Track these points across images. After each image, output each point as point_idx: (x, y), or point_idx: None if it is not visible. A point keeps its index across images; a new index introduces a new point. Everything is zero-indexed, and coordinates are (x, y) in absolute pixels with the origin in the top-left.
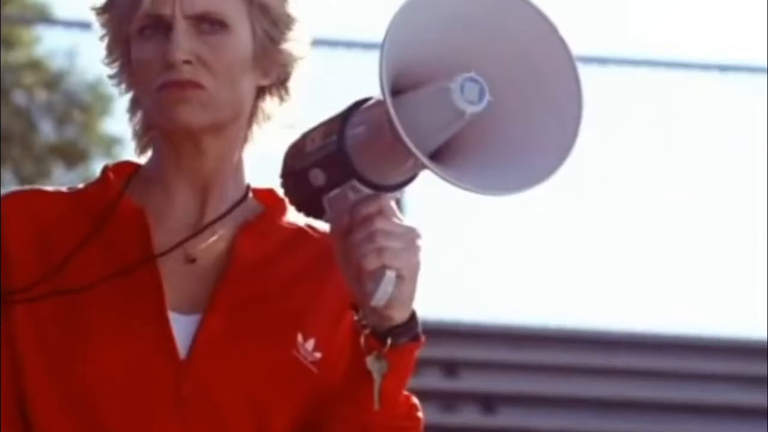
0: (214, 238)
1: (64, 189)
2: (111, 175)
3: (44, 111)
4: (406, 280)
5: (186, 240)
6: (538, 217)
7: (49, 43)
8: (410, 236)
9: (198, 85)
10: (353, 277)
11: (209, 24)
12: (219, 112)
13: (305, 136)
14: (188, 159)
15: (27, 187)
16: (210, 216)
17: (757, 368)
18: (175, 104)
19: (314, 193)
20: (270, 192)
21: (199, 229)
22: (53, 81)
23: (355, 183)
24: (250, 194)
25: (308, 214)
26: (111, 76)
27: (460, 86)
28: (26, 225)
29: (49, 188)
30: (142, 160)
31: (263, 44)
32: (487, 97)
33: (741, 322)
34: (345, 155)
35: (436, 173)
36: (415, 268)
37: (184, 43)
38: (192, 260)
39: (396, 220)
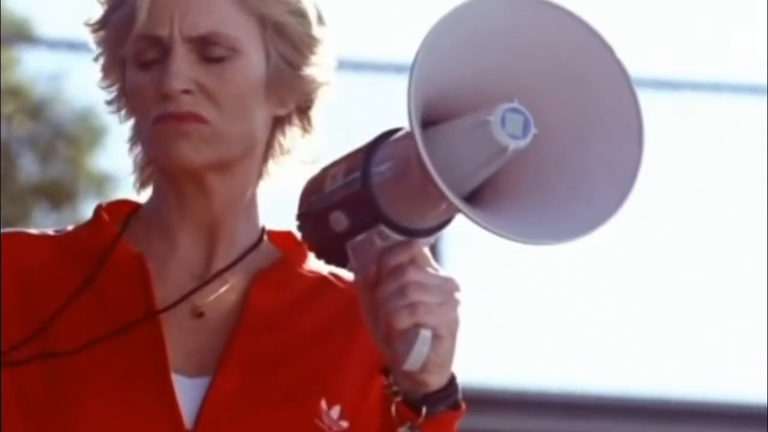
0: (224, 288)
1: (50, 232)
2: (105, 215)
3: (25, 144)
4: (444, 339)
5: (192, 292)
6: (602, 266)
7: (31, 66)
8: (447, 288)
9: (199, 118)
10: (382, 337)
11: (214, 47)
12: (225, 148)
13: (325, 172)
14: (192, 200)
15: (8, 230)
16: (219, 264)
17: None
18: (174, 140)
19: (336, 239)
20: (288, 235)
21: (207, 279)
22: (35, 110)
23: (383, 228)
24: (265, 238)
25: (329, 262)
26: (109, 102)
27: (501, 118)
28: (8, 273)
29: (34, 231)
30: (143, 197)
31: (279, 69)
32: (533, 130)
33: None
34: (370, 196)
35: (473, 220)
36: (453, 325)
37: (183, 70)
38: (199, 315)
39: (431, 270)
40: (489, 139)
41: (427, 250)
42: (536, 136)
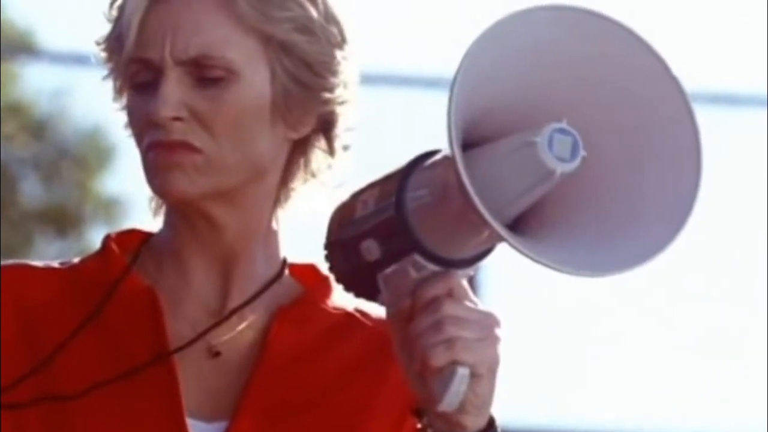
0: (242, 326)
1: (55, 264)
2: (114, 246)
3: (27, 166)
4: (483, 378)
5: (208, 330)
6: (656, 299)
7: (34, 81)
8: (487, 323)
9: (190, 147)
10: (416, 375)
11: (209, 70)
12: (223, 177)
13: (355, 198)
14: (202, 232)
15: (9, 261)
16: (236, 299)
17: None
18: (165, 170)
19: (367, 269)
20: (311, 268)
21: (223, 316)
22: (38, 128)
23: (418, 257)
24: (287, 271)
25: (359, 294)
26: (125, 125)
27: (548, 139)
28: (9, 309)
29: (37, 263)
30: (156, 224)
31: (287, 90)
32: (582, 152)
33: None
34: (405, 223)
35: (517, 249)
36: (493, 363)
37: (173, 96)
38: (215, 354)
39: (469, 304)
40: (535, 163)
41: (465, 282)
42: (585, 159)
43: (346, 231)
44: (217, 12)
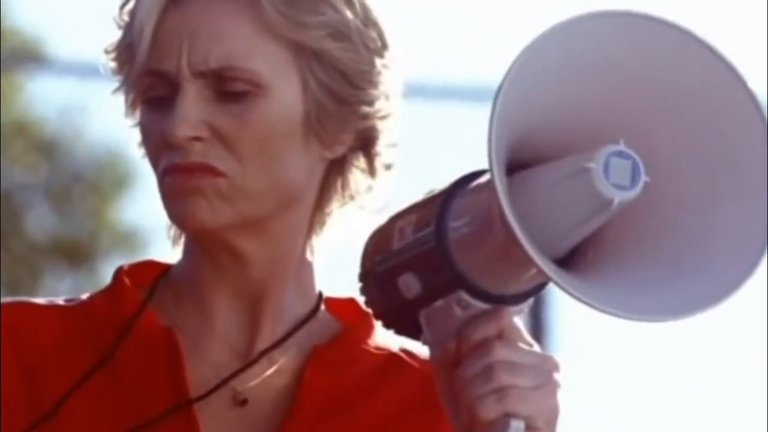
0: (271, 370)
1: (60, 301)
2: (127, 280)
3: (35, 192)
4: (541, 431)
5: (234, 375)
6: (736, 339)
7: (42, 95)
8: (544, 369)
9: (212, 171)
10: (464, 428)
11: (232, 83)
12: (249, 204)
13: (392, 224)
14: (227, 266)
15: (9, 299)
16: (265, 340)
17: None
18: (184, 197)
19: (406, 306)
20: (350, 303)
21: (251, 359)
22: (47, 149)
23: (463, 294)
24: (323, 307)
25: (400, 332)
26: (139, 144)
27: (605, 164)
28: (9, 353)
29: (40, 300)
30: (175, 255)
31: (321, 104)
32: (643, 178)
33: None
34: (446, 256)
35: (566, 291)
36: (551, 414)
37: (191, 113)
38: (242, 402)
39: (523, 346)
40: (589, 191)
41: (518, 321)
42: (648, 185)
43: (383, 262)
44: (240, 18)
